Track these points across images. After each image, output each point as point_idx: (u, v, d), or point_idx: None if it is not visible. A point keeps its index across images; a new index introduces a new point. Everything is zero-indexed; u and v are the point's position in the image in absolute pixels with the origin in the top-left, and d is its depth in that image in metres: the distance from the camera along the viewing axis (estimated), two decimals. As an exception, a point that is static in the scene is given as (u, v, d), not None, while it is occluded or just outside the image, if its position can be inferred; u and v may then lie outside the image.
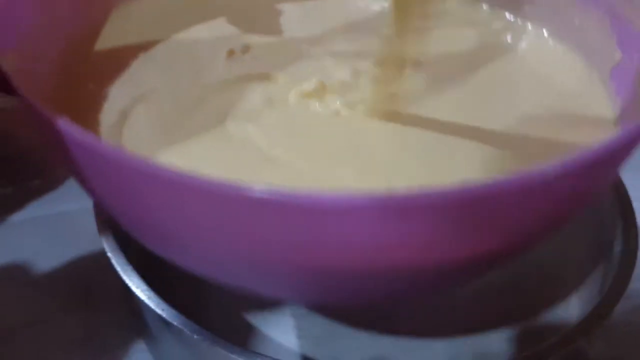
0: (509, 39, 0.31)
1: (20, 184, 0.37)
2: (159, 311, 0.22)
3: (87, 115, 0.25)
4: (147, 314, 0.25)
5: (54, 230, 0.34)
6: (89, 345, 0.28)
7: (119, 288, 0.29)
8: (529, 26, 0.31)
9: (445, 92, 0.28)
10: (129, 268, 0.24)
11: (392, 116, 0.26)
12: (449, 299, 0.29)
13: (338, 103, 0.26)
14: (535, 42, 0.30)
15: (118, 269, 0.24)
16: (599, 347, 0.28)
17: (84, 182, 0.20)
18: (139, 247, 0.30)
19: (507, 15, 0.31)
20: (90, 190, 0.20)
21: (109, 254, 0.25)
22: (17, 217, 0.35)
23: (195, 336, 0.22)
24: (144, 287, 0.23)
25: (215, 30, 0.31)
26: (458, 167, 0.24)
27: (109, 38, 0.29)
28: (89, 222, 0.26)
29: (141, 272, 0.24)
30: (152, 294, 0.23)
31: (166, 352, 0.26)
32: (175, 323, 0.22)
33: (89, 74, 0.27)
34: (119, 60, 0.28)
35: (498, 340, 0.29)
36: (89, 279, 0.31)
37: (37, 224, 0.34)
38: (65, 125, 0.17)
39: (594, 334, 0.25)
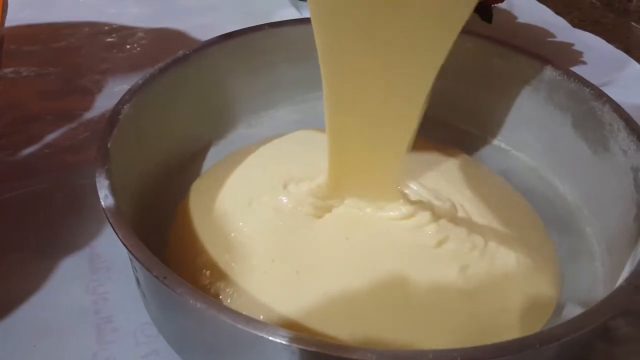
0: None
1: (25, 153, 0.36)
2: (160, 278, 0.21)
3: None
4: (149, 280, 0.24)
5: (55, 200, 0.33)
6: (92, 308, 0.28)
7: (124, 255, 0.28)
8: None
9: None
10: (130, 233, 0.23)
11: None
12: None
13: None
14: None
15: (118, 234, 0.23)
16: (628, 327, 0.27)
17: None
18: (139, 217, 0.30)
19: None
20: None
21: (110, 220, 0.24)
22: (21, 185, 0.34)
23: (198, 304, 0.20)
24: (146, 253, 0.22)
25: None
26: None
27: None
28: (91, 190, 0.25)
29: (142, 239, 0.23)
30: (153, 258, 0.22)
31: (165, 316, 0.26)
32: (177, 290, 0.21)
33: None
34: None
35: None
36: (92, 247, 0.31)
37: (41, 193, 0.34)
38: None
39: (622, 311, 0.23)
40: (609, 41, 0.50)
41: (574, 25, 0.52)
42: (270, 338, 0.20)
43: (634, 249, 0.26)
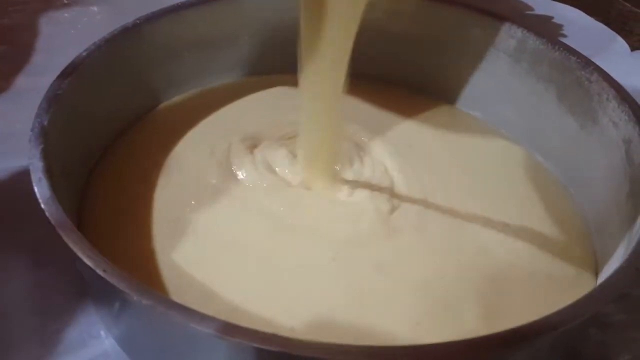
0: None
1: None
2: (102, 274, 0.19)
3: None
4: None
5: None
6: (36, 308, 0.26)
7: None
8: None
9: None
10: (65, 221, 0.20)
11: None
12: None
13: None
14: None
15: (52, 221, 0.20)
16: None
17: None
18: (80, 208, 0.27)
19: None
20: None
21: (43, 206, 0.21)
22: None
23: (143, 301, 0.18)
24: (83, 243, 0.19)
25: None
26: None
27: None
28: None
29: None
30: (92, 249, 0.19)
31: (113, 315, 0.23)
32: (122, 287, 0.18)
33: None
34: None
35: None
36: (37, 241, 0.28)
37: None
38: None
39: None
40: (588, 15, 0.48)
41: (553, -2, 0.50)
42: (226, 337, 0.17)
43: (629, 229, 0.23)
